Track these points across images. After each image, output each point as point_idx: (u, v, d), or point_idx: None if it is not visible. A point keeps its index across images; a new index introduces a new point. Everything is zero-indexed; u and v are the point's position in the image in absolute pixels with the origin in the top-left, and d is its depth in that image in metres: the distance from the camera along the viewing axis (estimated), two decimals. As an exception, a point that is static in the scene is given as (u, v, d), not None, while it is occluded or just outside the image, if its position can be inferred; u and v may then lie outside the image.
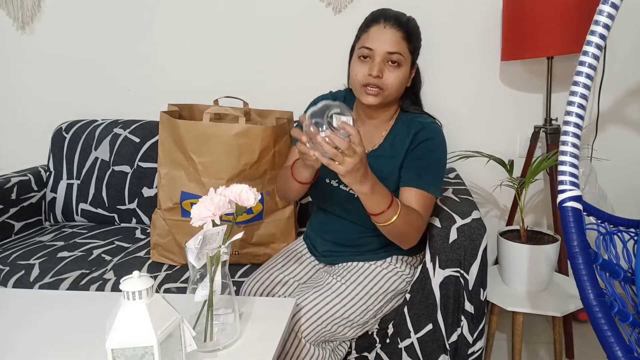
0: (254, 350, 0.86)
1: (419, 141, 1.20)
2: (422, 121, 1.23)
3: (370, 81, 1.15)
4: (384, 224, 1.07)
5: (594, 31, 0.80)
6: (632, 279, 1.04)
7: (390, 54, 1.15)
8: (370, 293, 1.21)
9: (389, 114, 1.27)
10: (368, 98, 1.17)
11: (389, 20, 1.16)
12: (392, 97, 1.20)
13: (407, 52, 1.17)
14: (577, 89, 0.81)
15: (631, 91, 1.85)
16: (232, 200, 0.91)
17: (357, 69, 1.18)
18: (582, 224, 0.80)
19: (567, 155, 0.81)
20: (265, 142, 1.42)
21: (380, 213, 1.05)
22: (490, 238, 1.40)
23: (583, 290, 0.76)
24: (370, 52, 1.16)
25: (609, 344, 0.72)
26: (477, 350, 1.28)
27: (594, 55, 0.80)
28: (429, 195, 1.17)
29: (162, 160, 1.49)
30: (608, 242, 1.07)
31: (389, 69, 1.16)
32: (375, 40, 1.15)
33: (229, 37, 2.03)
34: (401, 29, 1.16)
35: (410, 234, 1.14)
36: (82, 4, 2.10)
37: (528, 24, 1.58)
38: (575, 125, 0.81)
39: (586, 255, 0.78)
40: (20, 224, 1.88)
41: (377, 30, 1.16)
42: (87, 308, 1.03)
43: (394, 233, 1.11)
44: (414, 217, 1.12)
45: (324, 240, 1.35)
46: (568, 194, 0.81)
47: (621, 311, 0.91)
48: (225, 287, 0.88)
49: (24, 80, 2.21)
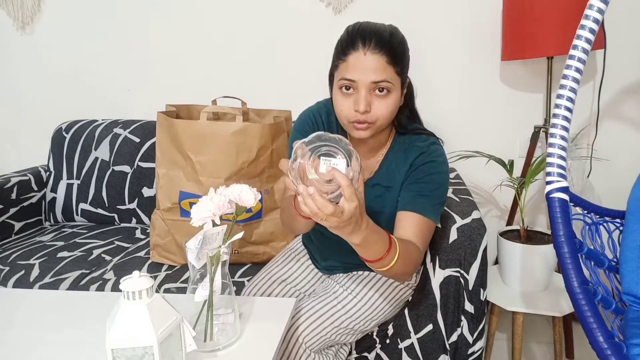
0: (254, 350, 0.86)
1: (418, 165, 1.09)
2: (421, 145, 1.11)
3: (358, 118, 0.99)
4: (380, 270, 0.94)
5: (584, 25, 0.80)
6: (616, 268, 1.06)
7: (376, 83, 0.98)
8: (377, 304, 1.18)
9: (384, 137, 1.14)
10: (359, 133, 1.02)
11: (369, 43, 0.97)
12: (385, 125, 1.05)
13: (394, 77, 1.00)
14: (567, 82, 0.82)
15: (631, 91, 1.85)
16: (232, 200, 0.91)
17: (342, 104, 1.01)
18: (568, 214, 0.81)
19: (555, 147, 0.82)
20: (263, 140, 1.42)
21: (376, 260, 0.91)
22: (490, 238, 1.40)
23: (568, 279, 0.79)
24: (352, 84, 0.99)
25: (591, 330, 0.74)
26: (477, 350, 1.28)
27: (584, 50, 0.80)
28: (427, 222, 1.04)
29: (160, 160, 1.49)
30: (594, 232, 1.09)
31: (377, 99, 0.99)
32: (356, 71, 0.97)
33: (229, 37, 2.03)
34: (384, 52, 0.97)
35: (407, 271, 1.00)
36: (82, 4, 2.10)
37: (528, 24, 1.58)
38: (564, 118, 0.82)
39: (571, 244, 0.79)
40: (20, 224, 1.88)
41: (356, 58, 0.97)
42: (87, 308, 1.03)
43: (391, 274, 0.99)
44: (412, 255, 0.99)
45: (322, 256, 1.30)
46: (555, 185, 0.82)
47: (604, 299, 0.92)
48: (225, 287, 0.88)
49: (24, 80, 2.22)
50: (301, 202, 0.77)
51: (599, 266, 1.01)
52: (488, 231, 1.26)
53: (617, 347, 0.73)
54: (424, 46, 1.86)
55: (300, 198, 0.77)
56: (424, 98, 1.41)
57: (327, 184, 0.75)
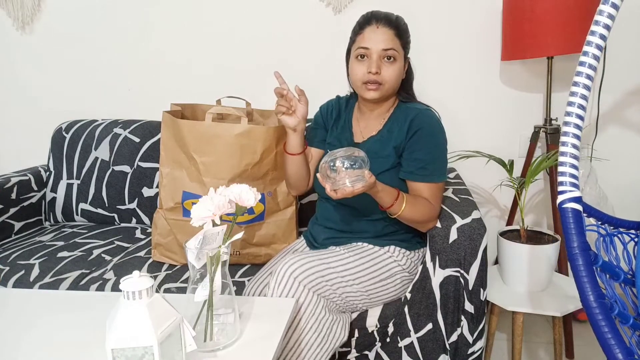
0: (254, 350, 0.86)
1: (415, 129, 1.27)
2: (418, 107, 1.32)
3: (370, 78, 1.25)
4: (395, 214, 1.21)
5: (594, 31, 0.80)
6: (632, 281, 1.04)
7: (386, 50, 1.25)
8: (365, 266, 1.25)
9: (388, 106, 1.36)
10: (370, 93, 1.27)
11: (380, 21, 1.26)
12: (392, 89, 1.30)
13: (399, 47, 1.27)
14: (577, 89, 0.81)
15: (631, 91, 1.85)
16: (232, 200, 0.91)
17: (357, 69, 1.27)
18: (582, 225, 0.79)
19: (567, 156, 0.81)
20: (267, 142, 1.42)
21: (389, 207, 1.20)
22: (490, 238, 1.40)
23: (583, 292, 0.76)
24: (366, 51, 1.26)
25: (610, 346, 0.72)
26: (477, 350, 1.28)
27: (594, 56, 0.80)
28: (434, 185, 1.26)
29: (163, 159, 1.49)
30: (608, 244, 1.07)
31: (385, 64, 1.26)
32: (370, 40, 1.25)
33: (229, 37, 2.03)
34: (392, 27, 1.26)
35: (419, 218, 1.24)
36: (82, 4, 2.10)
37: (528, 24, 1.58)
38: (575, 126, 0.81)
39: (586, 256, 0.77)
40: (20, 223, 1.88)
41: (371, 30, 1.26)
42: (87, 308, 1.03)
43: (406, 219, 1.23)
44: (421, 205, 1.24)
45: (325, 228, 1.39)
46: (568, 195, 0.80)
47: (621, 313, 0.90)
48: (225, 287, 0.88)
49: (24, 80, 2.22)
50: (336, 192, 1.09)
51: (615, 279, 0.98)
52: (488, 231, 1.26)
53: (637, 364, 0.71)
54: (424, 46, 1.86)
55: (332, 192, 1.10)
56: (424, 98, 1.41)
57: (355, 176, 1.09)
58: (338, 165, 1.07)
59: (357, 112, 1.41)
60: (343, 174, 1.07)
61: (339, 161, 1.07)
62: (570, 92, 0.82)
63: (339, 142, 1.39)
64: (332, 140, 1.41)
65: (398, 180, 1.29)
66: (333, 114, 1.45)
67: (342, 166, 1.07)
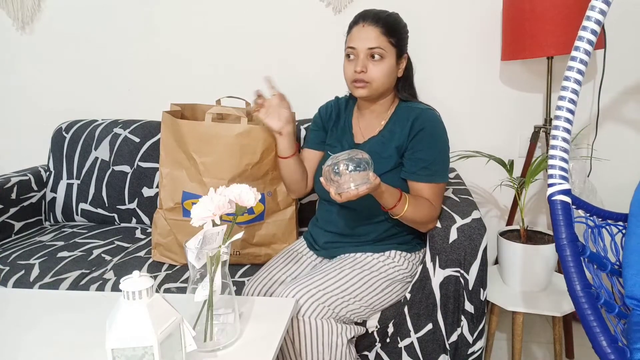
0: (254, 350, 0.86)
1: (418, 129, 1.26)
2: (420, 107, 1.31)
3: (357, 77, 1.26)
4: (398, 215, 1.21)
5: (586, 27, 0.80)
6: (619, 271, 1.05)
7: (371, 49, 1.24)
8: (365, 280, 1.23)
9: (387, 104, 1.35)
10: (358, 91, 1.28)
11: (367, 20, 1.26)
12: (382, 87, 1.29)
13: (387, 45, 1.26)
14: (569, 84, 0.81)
15: (631, 91, 1.85)
16: (232, 200, 0.91)
17: (346, 68, 1.30)
18: (570, 217, 0.81)
19: (557, 149, 0.82)
20: (267, 142, 1.42)
21: (391, 208, 1.19)
22: (490, 238, 1.40)
23: (570, 282, 0.78)
24: (353, 51, 1.27)
25: (595, 334, 0.73)
26: (477, 350, 1.28)
27: (586, 51, 0.80)
28: (437, 185, 1.26)
29: (163, 159, 1.49)
30: (596, 235, 1.09)
31: (372, 63, 1.25)
32: (356, 39, 1.26)
33: (229, 37, 2.03)
34: (379, 25, 1.25)
35: (420, 219, 1.24)
36: (82, 4, 2.10)
37: (528, 24, 1.58)
38: (566, 120, 0.81)
39: (574, 247, 0.79)
40: (20, 223, 1.88)
41: (357, 30, 1.27)
42: (87, 308, 1.03)
43: (408, 219, 1.23)
44: (423, 206, 1.24)
45: (326, 231, 1.38)
46: (557, 188, 0.81)
47: (607, 302, 0.92)
48: (225, 287, 0.88)
49: (24, 80, 2.21)
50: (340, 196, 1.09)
51: (602, 269, 1.00)
52: (488, 231, 1.26)
53: (620, 351, 0.72)
54: (424, 46, 1.86)
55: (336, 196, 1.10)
56: (423, 98, 1.41)
57: (359, 178, 1.09)
58: (342, 168, 1.07)
59: (356, 113, 1.41)
60: (347, 177, 1.06)
61: (343, 164, 1.06)
62: (562, 87, 0.82)
63: (339, 143, 1.39)
64: (332, 141, 1.41)
65: (400, 180, 1.29)
66: (332, 115, 1.44)
67: (346, 169, 1.06)
